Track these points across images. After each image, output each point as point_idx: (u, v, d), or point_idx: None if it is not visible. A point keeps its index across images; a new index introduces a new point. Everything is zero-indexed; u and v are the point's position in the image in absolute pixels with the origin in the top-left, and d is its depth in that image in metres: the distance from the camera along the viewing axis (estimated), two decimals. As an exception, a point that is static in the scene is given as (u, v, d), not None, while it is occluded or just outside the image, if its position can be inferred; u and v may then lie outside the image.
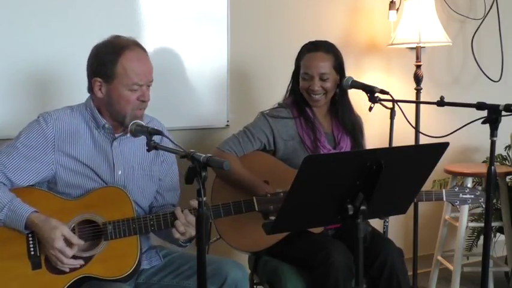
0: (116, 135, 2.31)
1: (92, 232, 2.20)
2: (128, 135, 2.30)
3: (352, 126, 2.78)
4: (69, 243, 2.10)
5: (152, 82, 2.30)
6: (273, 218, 2.48)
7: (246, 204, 2.36)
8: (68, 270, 2.13)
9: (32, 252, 2.15)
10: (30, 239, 2.15)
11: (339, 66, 2.71)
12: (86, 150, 2.26)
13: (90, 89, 2.28)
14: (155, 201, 2.45)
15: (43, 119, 2.24)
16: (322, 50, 2.69)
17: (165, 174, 2.44)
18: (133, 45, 2.26)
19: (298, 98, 2.74)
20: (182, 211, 2.20)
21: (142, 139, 2.30)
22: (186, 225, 2.18)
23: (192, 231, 2.20)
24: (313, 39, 2.79)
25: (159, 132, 2.08)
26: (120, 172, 2.30)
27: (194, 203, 2.19)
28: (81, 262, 2.15)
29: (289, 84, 2.81)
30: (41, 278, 2.14)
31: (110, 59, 2.21)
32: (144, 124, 2.16)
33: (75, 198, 2.23)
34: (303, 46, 2.77)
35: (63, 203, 2.20)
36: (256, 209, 2.36)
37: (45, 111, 2.28)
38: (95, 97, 2.27)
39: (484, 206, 2.77)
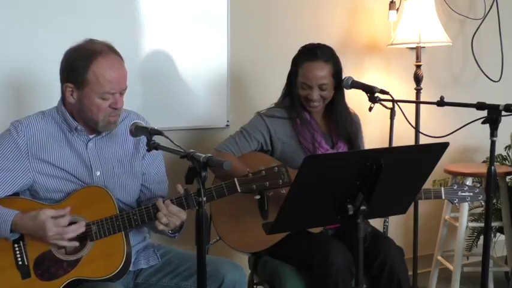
0: (90, 136, 2.29)
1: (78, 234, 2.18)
2: (103, 133, 2.30)
3: (349, 125, 2.77)
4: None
5: (126, 90, 2.25)
6: (257, 197, 2.47)
7: (227, 187, 2.26)
8: (76, 244, 2.12)
9: (20, 262, 2.14)
10: (17, 249, 2.15)
11: (337, 73, 2.69)
12: (61, 154, 2.24)
13: (63, 93, 2.25)
14: (143, 195, 2.42)
15: (14, 128, 2.22)
16: (321, 59, 2.65)
17: (149, 167, 2.41)
18: (106, 51, 2.19)
19: (295, 99, 2.72)
20: (164, 202, 2.18)
21: (120, 136, 2.31)
22: (168, 215, 2.15)
23: (176, 221, 2.18)
24: (313, 40, 2.78)
25: (159, 133, 2.07)
26: (98, 173, 2.28)
27: (180, 188, 2.18)
28: (83, 224, 2.13)
29: (285, 87, 2.79)
30: (31, 287, 2.13)
31: (81, 65, 2.16)
32: (144, 124, 2.16)
33: (57, 203, 2.21)
34: (302, 51, 2.72)
35: None
36: (239, 190, 2.26)
37: (16, 119, 2.26)
38: (67, 102, 2.24)
39: (483, 203, 2.77)
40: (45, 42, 2.75)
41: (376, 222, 2.76)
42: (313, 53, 2.66)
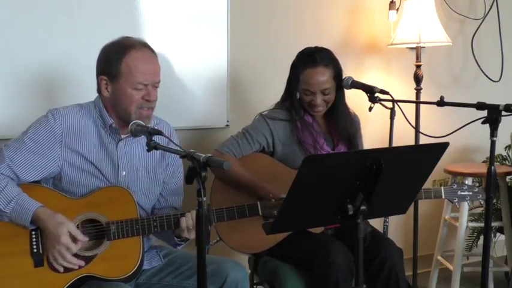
0: (122, 136, 2.31)
1: (95, 231, 2.20)
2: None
3: (349, 125, 2.77)
4: (74, 240, 2.11)
5: (159, 83, 2.30)
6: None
7: (249, 209, 2.36)
8: (62, 270, 2.13)
9: (35, 250, 2.15)
10: (34, 236, 2.15)
11: (338, 75, 2.69)
12: (92, 148, 2.26)
13: (99, 88, 2.29)
14: (158, 203, 2.45)
15: (51, 115, 2.24)
16: (321, 64, 2.63)
17: (169, 178, 2.44)
18: (140, 46, 2.27)
19: (296, 103, 2.71)
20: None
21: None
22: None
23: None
24: (313, 40, 2.78)
25: (159, 132, 2.08)
26: (124, 173, 2.30)
27: None
28: (82, 263, 2.15)
29: (285, 91, 2.77)
30: (42, 276, 2.14)
31: (115, 57, 2.22)
32: (144, 124, 2.16)
33: (79, 197, 2.23)
34: (300, 57, 2.70)
35: (67, 202, 2.20)
36: (260, 213, 2.37)
37: (54, 107, 2.28)
38: (102, 96, 2.28)
39: (482, 202, 2.78)
40: (46, 41, 2.75)
41: (376, 222, 2.77)
42: (313, 59, 2.65)
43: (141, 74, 2.22)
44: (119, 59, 2.22)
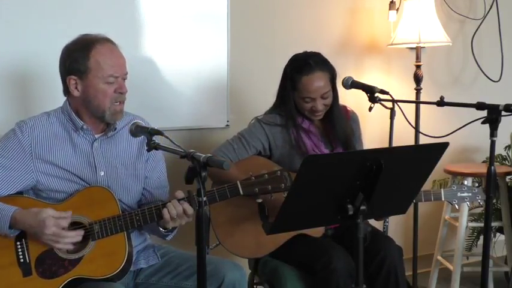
0: (96, 136, 2.30)
1: None
2: (109, 134, 2.31)
3: (346, 127, 2.75)
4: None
5: (127, 75, 2.29)
6: (259, 200, 2.46)
7: (230, 189, 2.28)
8: (71, 246, 2.12)
9: (22, 260, 2.15)
10: (19, 246, 2.15)
11: (333, 77, 2.66)
12: (65, 155, 2.25)
13: (66, 89, 2.27)
14: (144, 198, 2.43)
15: (18, 128, 2.24)
16: (317, 69, 2.60)
17: (151, 172, 2.42)
18: (102, 40, 2.25)
19: (291, 110, 2.67)
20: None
21: (125, 138, 2.32)
22: (179, 216, 2.18)
23: (182, 221, 2.20)
24: (313, 40, 2.78)
25: (159, 132, 2.07)
26: (102, 173, 2.29)
27: (179, 194, 2.20)
28: (81, 232, 2.14)
29: (278, 97, 2.73)
30: (32, 285, 2.14)
31: (81, 54, 2.20)
32: (144, 124, 2.16)
33: (59, 202, 2.22)
34: (294, 65, 2.65)
35: None
36: (241, 192, 2.28)
37: (21, 119, 2.28)
38: (72, 97, 2.26)
39: (481, 203, 2.77)
40: (43, 42, 2.75)
41: (376, 222, 2.77)
42: (308, 65, 2.60)
43: (110, 67, 2.21)
44: (86, 55, 2.20)
